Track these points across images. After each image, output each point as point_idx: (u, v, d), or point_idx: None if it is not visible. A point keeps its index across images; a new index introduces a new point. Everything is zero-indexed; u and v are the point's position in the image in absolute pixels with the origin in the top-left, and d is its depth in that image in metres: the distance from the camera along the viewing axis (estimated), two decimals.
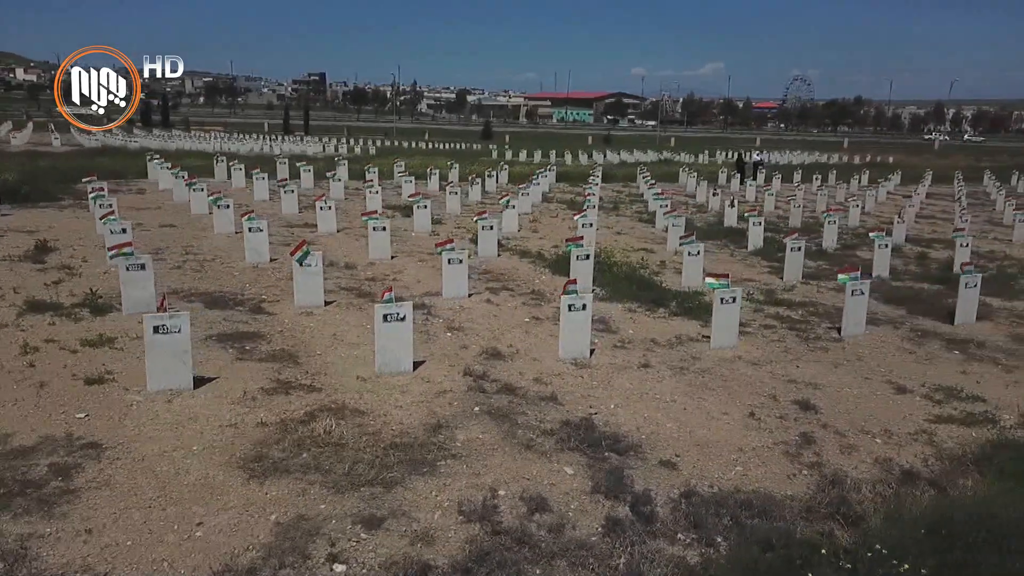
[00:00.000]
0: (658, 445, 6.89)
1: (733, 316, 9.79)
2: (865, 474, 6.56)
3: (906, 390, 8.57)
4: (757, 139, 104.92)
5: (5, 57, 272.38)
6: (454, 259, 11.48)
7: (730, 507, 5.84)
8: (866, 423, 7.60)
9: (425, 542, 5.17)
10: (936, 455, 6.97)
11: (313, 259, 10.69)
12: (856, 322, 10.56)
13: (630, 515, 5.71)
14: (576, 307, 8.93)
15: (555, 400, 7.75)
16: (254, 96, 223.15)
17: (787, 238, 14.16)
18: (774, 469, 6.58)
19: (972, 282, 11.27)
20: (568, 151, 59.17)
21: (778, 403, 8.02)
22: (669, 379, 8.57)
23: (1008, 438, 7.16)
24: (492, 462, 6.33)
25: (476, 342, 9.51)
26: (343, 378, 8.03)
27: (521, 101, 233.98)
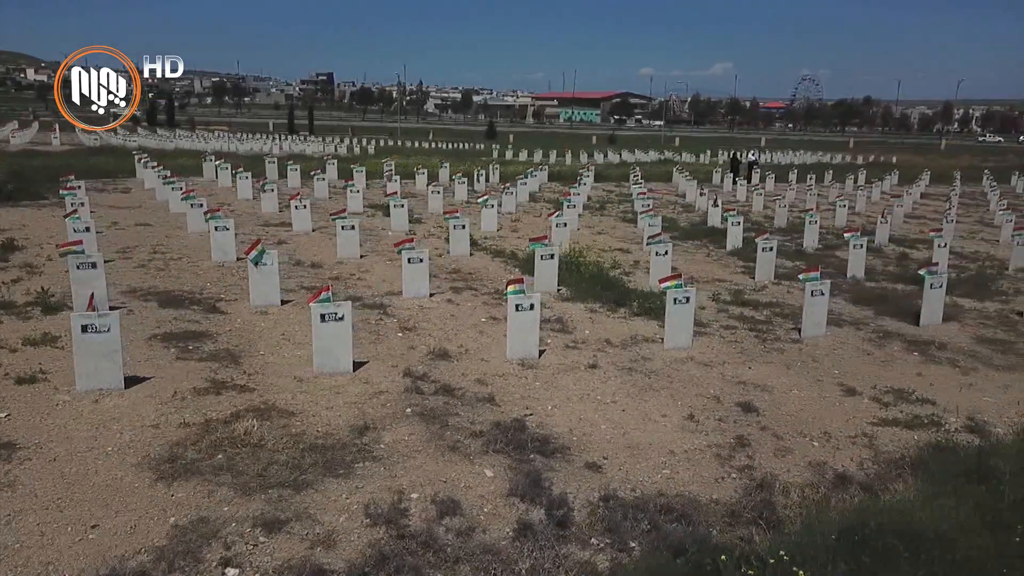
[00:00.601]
0: (588, 447, 6.79)
1: (687, 317, 9.67)
2: (797, 478, 6.44)
3: (855, 392, 8.44)
4: (762, 139, 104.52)
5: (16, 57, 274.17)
6: (414, 258, 11.39)
7: (649, 511, 5.73)
8: (807, 426, 7.48)
9: (325, 546, 5.08)
10: (873, 459, 6.85)
11: (269, 258, 10.62)
12: (816, 323, 10.42)
13: (544, 519, 5.61)
14: (524, 307, 8.83)
15: (492, 401, 7.65)
16: (262, 96, 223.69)
17: (758, 238, 14.01)
18: (703, 472, 6.46)
19: (937, 283, 11.11)
20: (568, 151, 59.05)
21: (720, 405, 7.90)
22: (614, 380, 8.46)
23: (946, 441, 7.02)
24: (412, 464, 6.24)
25: (426, 342, 9.42)
26: (280, 378, 7.96)
27: (528, 101, 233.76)
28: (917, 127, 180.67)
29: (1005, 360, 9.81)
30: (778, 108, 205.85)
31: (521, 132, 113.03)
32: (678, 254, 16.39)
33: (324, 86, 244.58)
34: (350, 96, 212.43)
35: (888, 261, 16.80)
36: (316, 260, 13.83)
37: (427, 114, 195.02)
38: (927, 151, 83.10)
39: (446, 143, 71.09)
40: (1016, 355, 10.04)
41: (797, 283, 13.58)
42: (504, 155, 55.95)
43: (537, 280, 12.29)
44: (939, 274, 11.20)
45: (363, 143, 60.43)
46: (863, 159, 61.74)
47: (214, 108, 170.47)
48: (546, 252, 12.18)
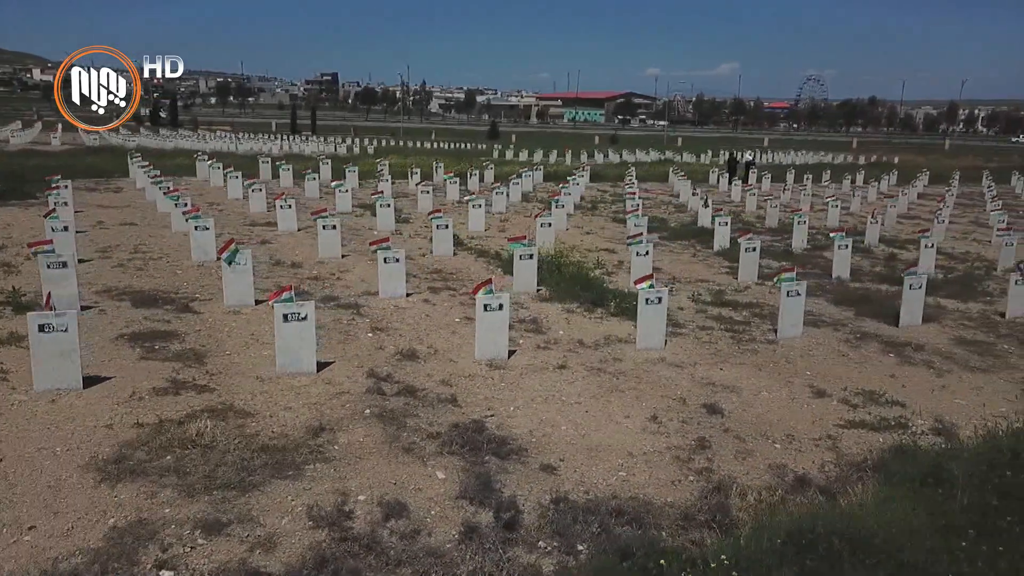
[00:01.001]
0: (546, 449, 6.72)
1: (659, 317, 9.60)
2: (755, 480, 6.36)
3: (825, 394, 8.35)
4: (765, 139, 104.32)
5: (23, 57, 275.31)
6: (390, 258, 11.34)
7: (601, 514, 5.66)
8: (771, 428, 7.40)
9: (265, 548, 5.03)
10: (835, 461, 6.77)
11: (242, 258, 10.57)
12: (793, 324, 10.33)
13: (492, 522, 5.54)
14: (492, 307, 8.76)
15: (454, 402, 7.59)
16: (267, 96, 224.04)
17: (741, 238, 13.92)
18: (660, 475, 6.39)
19: (916, 284, 11.00)
20: (568, 151, 58.97)
21: (686, 406, 7.82)
22: (582, 381, 8.39)
23: (913, 444, 6.93)
24: (363, 466, 6.18)
25: (395, 343, 9.36)
26: (242, 379, 7.91)
27: (533, 101, 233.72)
28: (922, 127, 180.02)
29: (982, 362, 9.72)
30: (782, 108, 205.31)
31: (524, 132, 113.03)
32: (664, 254, 16.36)
33: (328, 86, 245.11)
34: (354, 96, 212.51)
35: (876, 262, 16.68)
36: (297, 260, 13.78)
37: (431, 114, 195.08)
38: (931, 151, 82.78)
39: (448, 143, 71.13)
40: (994, 357, 9.94)
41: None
42: (504, 155, 55.95)
43: (516, 280, 12.23)
44: (919, 275, 11.09)
45: (364, 143, 60.40)
46: (865, 159, 61.55)
47: (218, 108, 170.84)
48: (525, 252, 12.11)
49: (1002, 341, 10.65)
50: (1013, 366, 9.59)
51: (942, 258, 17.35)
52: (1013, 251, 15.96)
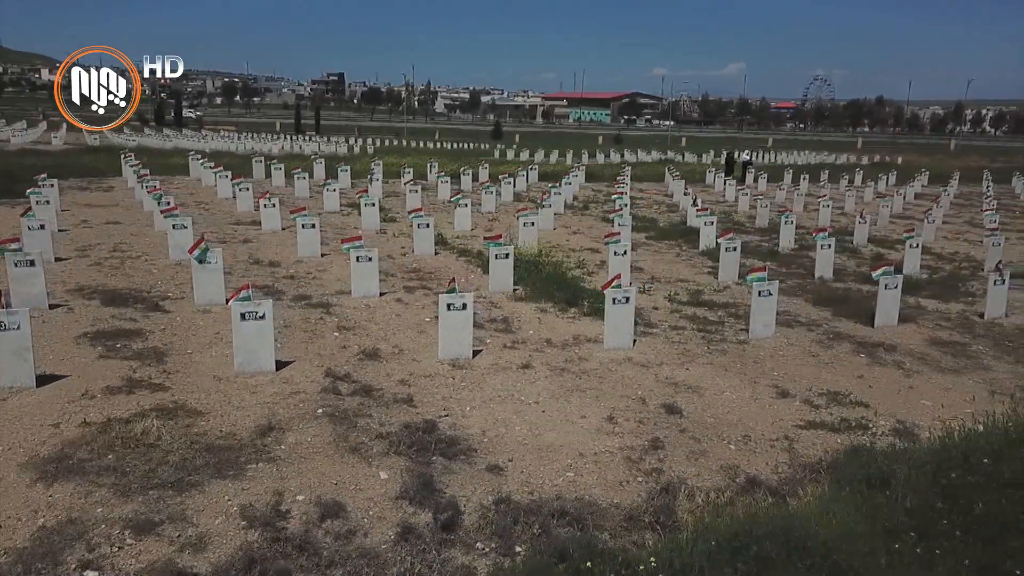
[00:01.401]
0: (496, 449, 6.66)
1: (627, 317, 9.53)
2: (706, 482, 6.30)
3: (788, 394, 8.27)
4: (769, 139, 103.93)
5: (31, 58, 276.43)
6: (362, 257, 11.29)
7: (542, 515, 5.61)
8: (729, 428, 7.33)
9: (195, 548, 4.98)
10: (789, 462, 6.70)
11: (213, 256, 10.55)
12: (765, 324, 10.25)
13: (430, 522, 5.49)
14: (455, 306, 8.71)
15: (410, 403, 7.54)
16: (273, 96, 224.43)
17: (722, 237, 13.83)
18: (608, 475, 6.32)
19: (892, 284, 10.91)
20: (570, 151, 58.95)
21: (645, 406, 7.76)
22: (544, 381, 8.33)
23: (864, 445, 6.84)
24: (306, 466, 6.13)
25: (361, 342, 9.31)
26: (199, 378, 7.87)
27: (539, 101, 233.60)
28: (929, 128, 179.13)
29: (954, 363, 9.62)
30: (788, 108, 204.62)
31: (528, 132, 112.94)
32: (649, 254, 16.30)
33: (335, 86, 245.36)
34: (360, 96, 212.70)
35: (863, 262, 16.57)
36: (275, 259, 13.75)
37: (436, 114, 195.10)
38: (936, 152, 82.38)
39: (451, 143, 71.15)
40: (967, 357, 9.84)
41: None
42: (505, 155, 55.96)
43: (492, 280, 12.18)
44: (893, 275, 10.99)
45: (364, 143, 60.46)
46: (868, 159, 61.34)
47: (224, 108, 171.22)
48: (500, 252, 12.05)
49: (977, 342, 10.55)
50: (985, 367, 9.49)
51: (930, 258, 17.26)
52: (1000, 251, 15.82)
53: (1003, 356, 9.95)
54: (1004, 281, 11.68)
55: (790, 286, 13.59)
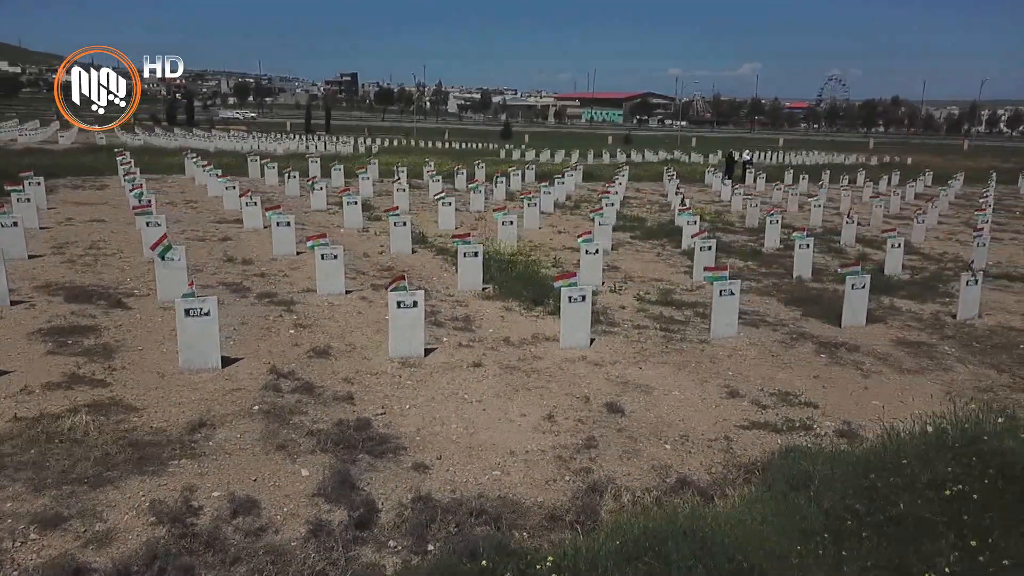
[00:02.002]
0: (427, 447, 6.63)
1: (583, 315, 9.46)
2: (636, 481, 6.24)
3: (738, 394, 8.19)
4: (780, 139, 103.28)
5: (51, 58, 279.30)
6: (327, 255, 11.29)
7: (460, 514, 5.57)
8: (669, 428, 7.26)
9: (99, 544, 4.97)
10: (724, 463, 6.62)
11: (175, 254, 10.57)
12: (727, 323, 10.15)
13: (345, 520, 5.46)
14: (406, 304, 8.68)
15: (350, 400, 7.52)
16: (287, 96, 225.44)
17: (696, 236, 13.73)
18: (536, 474, 6.27)
19: (859, 283, 10.78)
20: (577, 150, 58.93)
21: (588, 405, 7.70)
22: (491, 379, 8.28)
23: (800, 446, 6.74)
24: (229, 463, 6.12)
25: (315, 340, 9.30)
26: (144, 374, 7.88)
27: (551, 101, 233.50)
28: (945, 128, 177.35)
29: (915, 364, 9.49)
30: (802, 108, 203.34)
31: (538, 132, 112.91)
32: (629, 253, 16.22)
33: (348, 86, 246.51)
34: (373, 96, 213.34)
35: (846, 261, 16.38)
36: (249, 257, 13.76)
37: (447, 114, 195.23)
38: (948, 152, 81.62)
39: (460, 143, 71.23)
40: (930, 359, 9.70)
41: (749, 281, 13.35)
42: (511, 155, 55.95)
43: (461, 278, 12.15)
44: (860, 274, 10.87)
45: (369, 143, 60.62)
46: (878, 160, 60.89)
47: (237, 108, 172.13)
48: (469, 249, 12.02)
49: (945, 343, 10.40)
50: (947, 368, 9.36)
51: (917, 259, 17.08)
52: (985, 252, 15.63)
53: (968, 357, 9.81)
54: (976, 282, 11.52)
55: (765, 286, 13.47)
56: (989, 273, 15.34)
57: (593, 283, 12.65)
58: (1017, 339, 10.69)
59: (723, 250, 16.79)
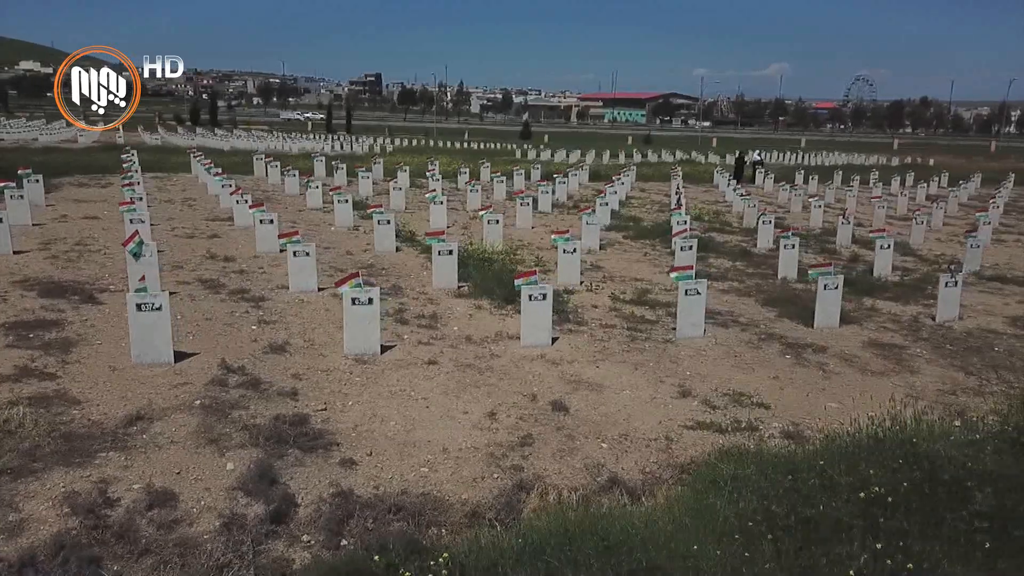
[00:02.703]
0: (361, 443, 6.62)
1: (544, 314, 9.42)
2: (566, 480, 6.20)
3: (690, 394, 8.10)
4: (802, 140, 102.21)
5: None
6: (299, 252, 11.34)
7: (379, 510, 5.57)
8: (611, 427, 7.20)
9: (9, 534, 5.03)
10: (660, 462, 6.55)
11: (147, 250, 10.68)
12: (693, 323, 10.05)
13: (261, 514, 5.48)
14: (360, 301, 8.70)
15: (293, 396, 7.54)
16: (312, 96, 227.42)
17: (675, 236, 13.62)
18: (465, 472, 6.25)
19: (831, 284, 10.63)
20: (592, 150, 58.88)
21: (534, 403, 7.66)
22: (442, 377, 8.27)
23: (737, 447, 6.65)
24: (157, 455, 6.15)
25: (275, 336, 9.34)
26: (95, 368, 7.96)
27: (574, 102, 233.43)
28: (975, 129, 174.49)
29: (882, 365, 9.34)
30: (828, 109, 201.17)
31: (558, 132, 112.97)
32: (618, 252, 16.15)
33: (372, 87, 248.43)
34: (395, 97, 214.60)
35: (837, 262, 16.19)
36: (232, 254, 13.86)
37: (470, 115, 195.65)
38: (975, 153, 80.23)
39: (479, 143, 71.47)
40: (898, 360, 9.55)
41: (717, 283, 13.25)
42: (526, 155, 56.05)
43: (435, 276, 12.17)
44: (832, 275, 10.71)
45: (389, 142, 61.05)
46: (899, 160, 60.14)
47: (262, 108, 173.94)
48: (444, 248, 12.02)
49: (917, 345, 10.23)
50: (914, 371, 9.20)
51: (912, 260, 16.83)
52: (979, 254, 15.36)
53: (938, 360, 9.64)
54: (957, 283, 11.31)
55: (748, 286, 13.34)
56: (982, 275, 15.09)
57: (571, 282, 12.65)
58: (994, 341, 10.49)
59: (714, 250, 16.71)
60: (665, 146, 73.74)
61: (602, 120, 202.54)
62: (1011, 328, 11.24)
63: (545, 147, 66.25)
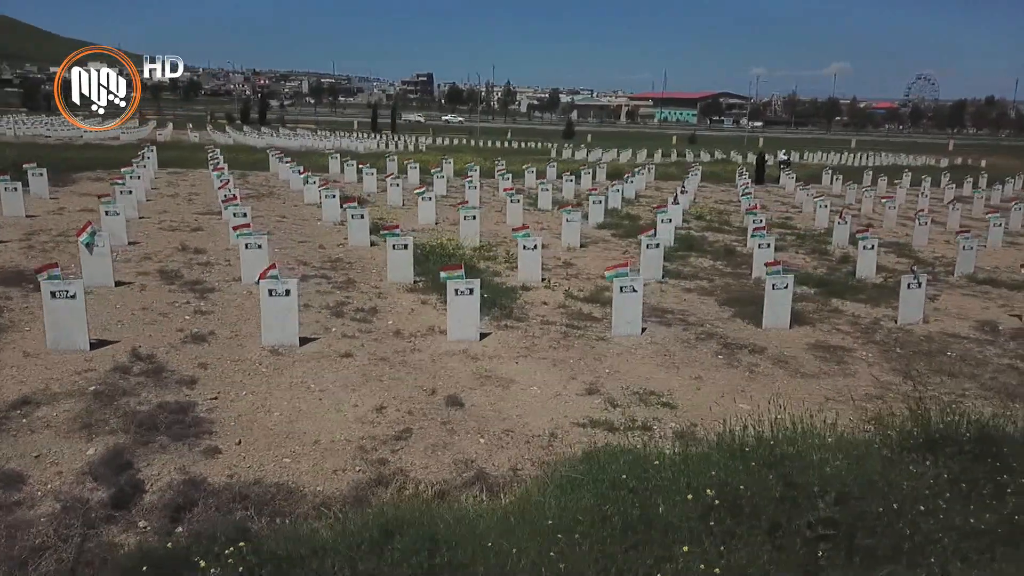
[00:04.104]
0: (235, 433, 6.62)
1: (471, 309, 9.33)
2: (432, 474, 6.11)
3: (596, 392, 7.93)
4: (852, 140, 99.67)
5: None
6: (251, 244, 11.45)
7: (224, 498, 5.57)
8: (500, 422, 7.08)
9: None
10: (533, 459, 6.42)
11: (99, 240, 10.90)
12: (628, 322, 9.85)
13: (103, 499, 5.52)
14: (278, 292, 8.73)
15: (191, 384, 7.59)
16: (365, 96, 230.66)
17: (642, 235, 13.37)
18: (328, 463, 6.21)
19: (780, 283, 10.29)
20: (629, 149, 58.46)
21: (432, 398, 7.58)
22: (350, 370, 8.24)
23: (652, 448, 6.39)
24: (25, 439, 6.24)
25: (204, 326, 9.43)
26: (10, 354, 8.12)
27: (624, 101, 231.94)
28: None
29: (817, 367, 9.01)
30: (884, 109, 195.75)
31: (603, 132, 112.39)
32: (597, 250, 15.96)
33: (424, 86, 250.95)
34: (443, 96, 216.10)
35: (825, 261, 15.75)
36: (203, 247, 14.06)
37: (518, 114, 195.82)
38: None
39: (521, 142, 71.66)
40: (837, 363, 9.20)
41: (686, 281, 12.99)
42: (561, 153, 55.94)
43: (389, 271, 12.16)
44: (783, 275, 10.38)
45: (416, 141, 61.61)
46: (950, 162, 58.34)
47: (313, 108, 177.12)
48: (399, 242, 12.01)
49: (866, 348, 9.84)
50: (849, 374, 8.84)
51: (908, 261, 16.24)
52: (972, 256, 14.73)
53: (880, 363, 9.26)
54: (920, 285, 10.85)
55: (716, 285, 13.04)
56: (975, 278, 14.48)
57: (531, 279, 12.52)
58: (951, 346, 10.04)
59: (698, 249, 16.40)
60: (710, 146, 72.86)
61: (652, 120, 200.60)
62: (975, 332, 10.73)
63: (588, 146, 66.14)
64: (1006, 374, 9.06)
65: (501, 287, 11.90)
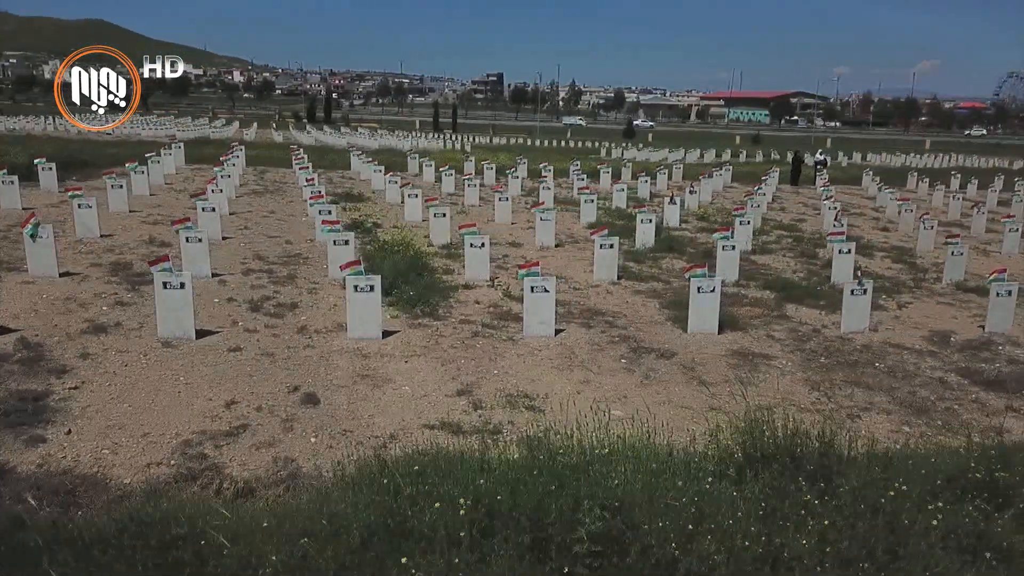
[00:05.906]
0: (71, 423, 6.63)
1: (370, 307, 9.21)
2: (247, 471, 6.04)
3: (468, 393, 7.71)
4: (927, 141, 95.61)
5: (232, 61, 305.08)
6: (192, 237, 11.60)
7: (22, 487, 5.61)
8: (346, 423, 6.95)
9: None
10: (362, 459, 6.22)
11: (44, 231, 11.20)
12: (541, 322, 9.56)
13: None
14: (172, 285, 8.79)
15: (61, 373, 7.65)
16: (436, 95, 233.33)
17: (594, 234, 13.01)
18: (146, 457, 6.17)
19: (706, 287, 9.85)
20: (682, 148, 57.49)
21: (290, 395, 7.49)
22: (227, 364, 8.19)
23: (495, 450, 6.17)
24: None
25: (114, 318, 9.53)
26: None
27: (695, 101, 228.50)
28: None
29: (721, 374, 8.57)
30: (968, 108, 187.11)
31: (667, 131, 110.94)
32: (570, 251, 15.72)
33: (494, 86, 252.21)
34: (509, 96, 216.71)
35: (807, 264, 15.07)
36: (168, 240, 14.31)
37: (582, 113, 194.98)
38: None
39: (579, 141, 71.54)
40: (750, 371, 8.73)
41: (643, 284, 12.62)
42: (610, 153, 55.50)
43: (330, 267, 12.14)
44: (710, 278, 9.93)
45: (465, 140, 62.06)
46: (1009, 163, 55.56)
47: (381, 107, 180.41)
48: (340, 238, 11.99)
49: (789, 355, 9.33)
50: (747, 382, 8.34)
51: (900, 267, 15.44)
52: (962, 261, 13.83)
53: (795, 373, 8.75)
54: (865, 292, 10.22)
55: (668, 287, 12.61)
56: (963, 285, 13.61)
57: (478, 277, 12.34)
58: (885, 357, 9.42)
59: (678, 250, 15.90)
60: (777, 146, 71.13)
61: (722, 120, 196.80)
62: (923, 343, 10.06)
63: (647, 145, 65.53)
64: (929, 387, 8.44)
65: (439, 285, 11.74)
